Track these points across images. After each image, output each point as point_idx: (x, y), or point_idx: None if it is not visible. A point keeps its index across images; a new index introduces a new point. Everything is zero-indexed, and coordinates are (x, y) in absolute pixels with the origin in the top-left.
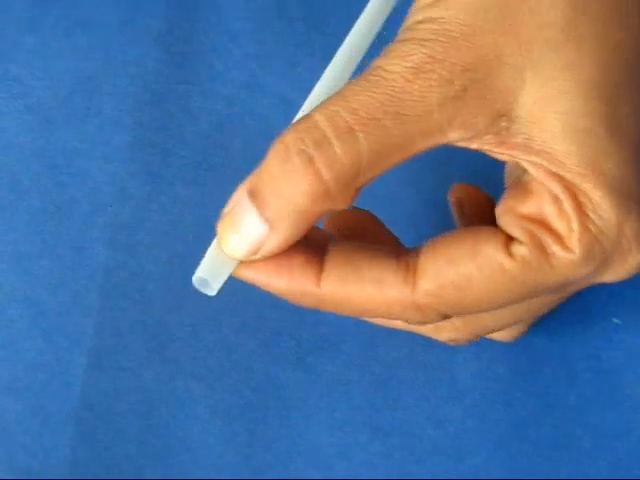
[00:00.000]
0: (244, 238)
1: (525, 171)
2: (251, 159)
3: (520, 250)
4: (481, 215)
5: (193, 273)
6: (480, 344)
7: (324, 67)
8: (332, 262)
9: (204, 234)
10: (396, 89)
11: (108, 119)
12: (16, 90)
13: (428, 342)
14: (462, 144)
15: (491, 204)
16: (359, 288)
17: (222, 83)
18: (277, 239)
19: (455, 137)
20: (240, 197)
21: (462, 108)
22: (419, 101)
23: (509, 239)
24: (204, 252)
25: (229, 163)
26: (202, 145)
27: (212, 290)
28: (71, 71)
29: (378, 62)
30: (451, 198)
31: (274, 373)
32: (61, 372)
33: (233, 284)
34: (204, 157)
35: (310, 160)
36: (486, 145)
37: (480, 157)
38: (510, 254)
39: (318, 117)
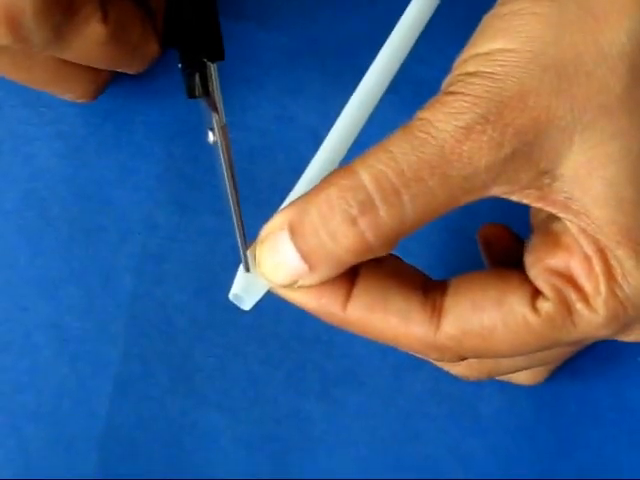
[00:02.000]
0: (282, 268)
1: (557, 219)
2: (280, 191)
3: (546, 306)
4: (509, 255)
5: (220, 303)
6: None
7: None
8: (361, 287)
9: (231, 265)
10: (445, 150)
11: (138, 148)
12: (48, 117)
13: (453, 376)
14: (503, 196)
15: (519, 244)
16: (384, 319)
17: (253, 115)
18: (314, 279)
19: (498, 192)
20: (279, 226)
21: (508, 167)
22: (467, 163)
23: (536, 292)
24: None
25: (258, 195)
26: None
27: (246, 305)
28: (103, 99)
29: (426, 115)
30: (479, 238)
31: (298, 405)
32: (86, 399)
33: (259, 316)
34: None
35: (354, 222)
36: (526, 198)
37: None
38: (535, 309)
39: (364, 176)
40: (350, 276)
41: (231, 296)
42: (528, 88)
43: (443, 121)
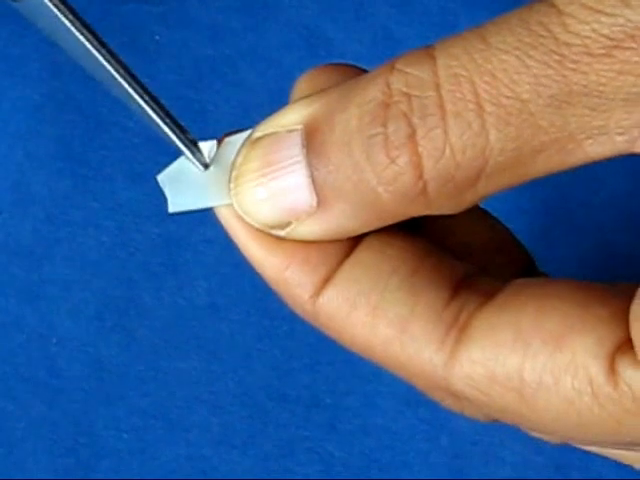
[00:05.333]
0: (276, 200)
1: None
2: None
3: (632, 377)
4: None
5: None
6: None
7: None
8: (351, 266)
9: None
10: (566, 62)
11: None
12: None
13: None
14: None
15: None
16: (370, 325)
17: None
18: (322, 224)
19: None
20: (288, 123)
21: None
22: (595, 92)
23: (624, 344)
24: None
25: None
26: None
27: (171, 206)
28: None
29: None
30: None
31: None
32: None
33: None
34: None
35: (411, 136)
36: None
37: None
38: (614, 372)
39: (440, 68)
40: (344, 248)
41: (160, 177)
42: None
43: (577, 17)
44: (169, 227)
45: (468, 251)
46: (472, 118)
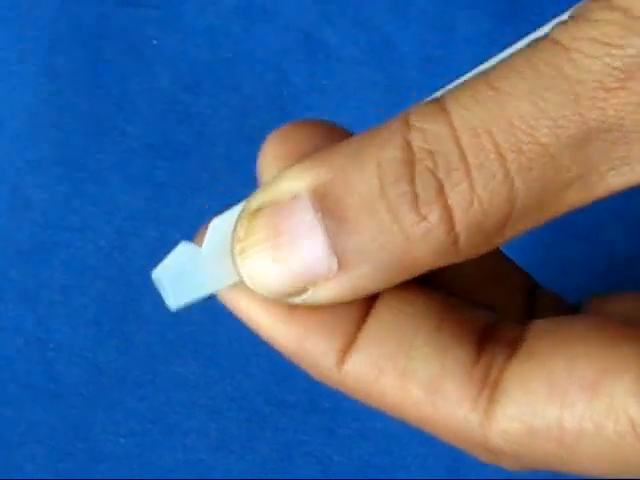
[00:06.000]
0: (291, 267)
1: None
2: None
3: None
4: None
5: None
6: None
7: None
8: (372, 331)
9: None
10: (581, 100)
11: None
12: None
13: None
14: None
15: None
16: (401, 389)
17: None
18: (342, 287)
19: None
20: (292, 189)
21: None
22: (615, 126)
23: None
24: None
25: (207, 154)
26: None
27: (172, 300)
28: None
29: (560, 36)
30: None
31: None
32: None
33: None
34: None
35: (440, 191)
36: None
37: None
38: None
39: (457, 121)
40: (360, 309)
41: (154, 275)
42: None
43: (586, 52)
44: (167, 231)
45: (473, 285)
46: (495, 168)
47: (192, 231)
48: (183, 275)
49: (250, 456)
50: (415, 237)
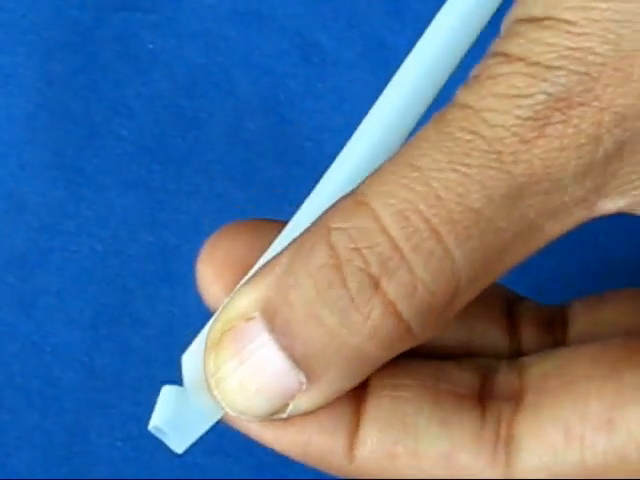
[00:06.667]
0: (260, 387)
1: None
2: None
3: None
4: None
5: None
6: None
7: None
8: (373, 416)
9: None
10: (504, 158)
11: None
12: None
13: None
14: (626, 212)
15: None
16: (416, 466)
17: (198, 9)
18: (318, 396)
19: (611, 207)
20: (245, 313)
21: (618, 169)
22: (544, 175)
23: None
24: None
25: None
26: None
27: (177, 445)
28: None
29: (469, 99)
30: None
31: None
32: None
33: None
34: None
35: (376, 287)
36: None
37: None
38: None
39: (382, 212)
40: (355, 398)
41: (152, 427)
42: (622, 50)
43: (497, 109)
44: (163, 235)
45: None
46: (432, 245)
47: (187, 235)
48: (178, 420)
49: (247, 460)
50: (365, 335)
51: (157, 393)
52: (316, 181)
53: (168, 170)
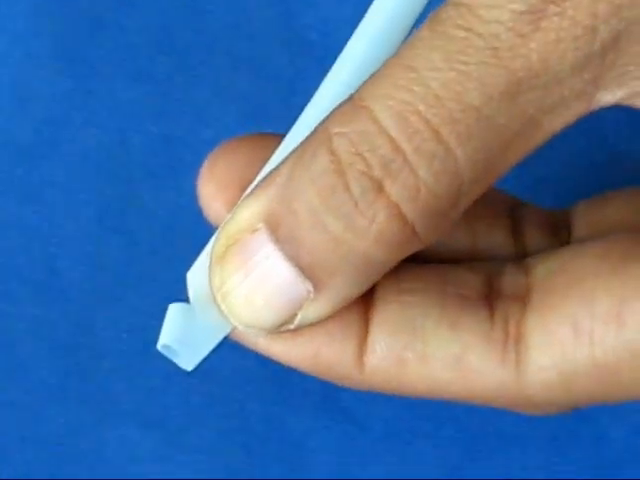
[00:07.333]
0: (267, 297)
1: None
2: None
3: None
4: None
5: None
6: None
7: None
8: (382, 323)
9: None
10: (501, 53)
11: None
12: None
13: None
14: (624, 104)
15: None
16: (426, 372)
17: None
18: (326, 305)
19: (610, 99)
20: (248, 226)
21: (615, 60)
22: (542, 69)
23: None
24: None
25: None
26: None
27: (186, 363)
28: None
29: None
30: None
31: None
32: None
33: None
34: None
35: (380, 190)
36: None
37: None
38: None
39: (381, 114)
40: (360, 308)
41: (160, 346)
42: None
43: (491, 5)
44: (169, 127)
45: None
46: (434, 146)
47: (193, 126)
48: (186, 337)
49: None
50: (371, 239)
51: (162, 285)
52: (321, 72)
53: (173, 61)
